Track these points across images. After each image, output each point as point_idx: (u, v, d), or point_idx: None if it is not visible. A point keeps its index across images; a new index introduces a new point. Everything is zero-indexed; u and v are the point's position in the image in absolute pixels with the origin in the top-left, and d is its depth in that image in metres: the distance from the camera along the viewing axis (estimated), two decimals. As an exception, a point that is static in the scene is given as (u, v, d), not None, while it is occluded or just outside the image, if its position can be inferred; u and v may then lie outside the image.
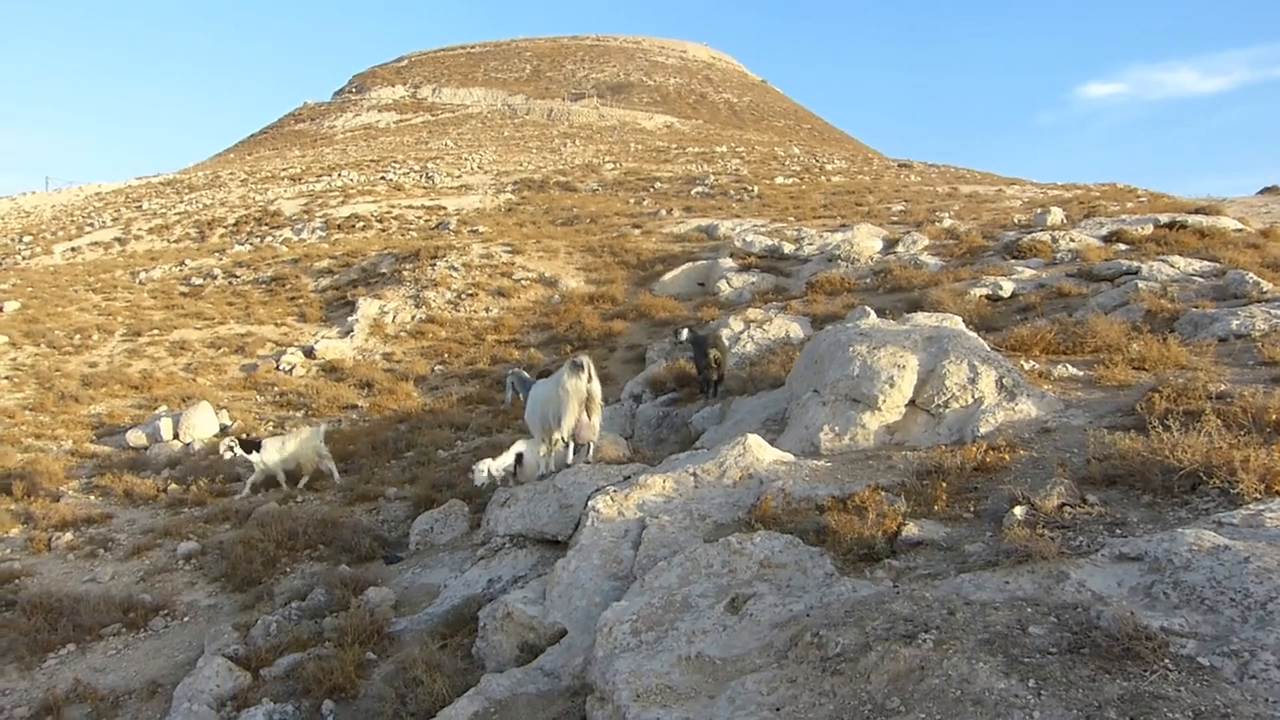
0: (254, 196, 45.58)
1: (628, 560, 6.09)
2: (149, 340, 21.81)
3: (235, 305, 24.75)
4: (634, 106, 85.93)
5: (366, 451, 14.15)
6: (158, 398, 17.78)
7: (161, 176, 64.98)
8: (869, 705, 3.61)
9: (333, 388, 18.00)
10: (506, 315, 21.97)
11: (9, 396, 17.90)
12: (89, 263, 34.46)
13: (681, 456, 7.85)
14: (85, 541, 11.33)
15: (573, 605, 5.85)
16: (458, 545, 9.65)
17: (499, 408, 15.84)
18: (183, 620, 9.01)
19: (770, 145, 61.06)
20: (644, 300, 20.74)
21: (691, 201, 34.49)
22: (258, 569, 9.73)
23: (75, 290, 27.10)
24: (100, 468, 14.07)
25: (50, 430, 16.08)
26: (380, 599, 7.99)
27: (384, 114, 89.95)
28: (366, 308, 22.75)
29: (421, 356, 19.96)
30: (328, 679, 6.48)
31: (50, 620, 8.83)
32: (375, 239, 32.01)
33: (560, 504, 7.73)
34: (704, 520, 6.34)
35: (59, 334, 22.15)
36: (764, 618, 4.62)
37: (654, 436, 12.13)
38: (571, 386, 8.22)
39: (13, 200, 62.27)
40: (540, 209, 35.30)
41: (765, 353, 13.82)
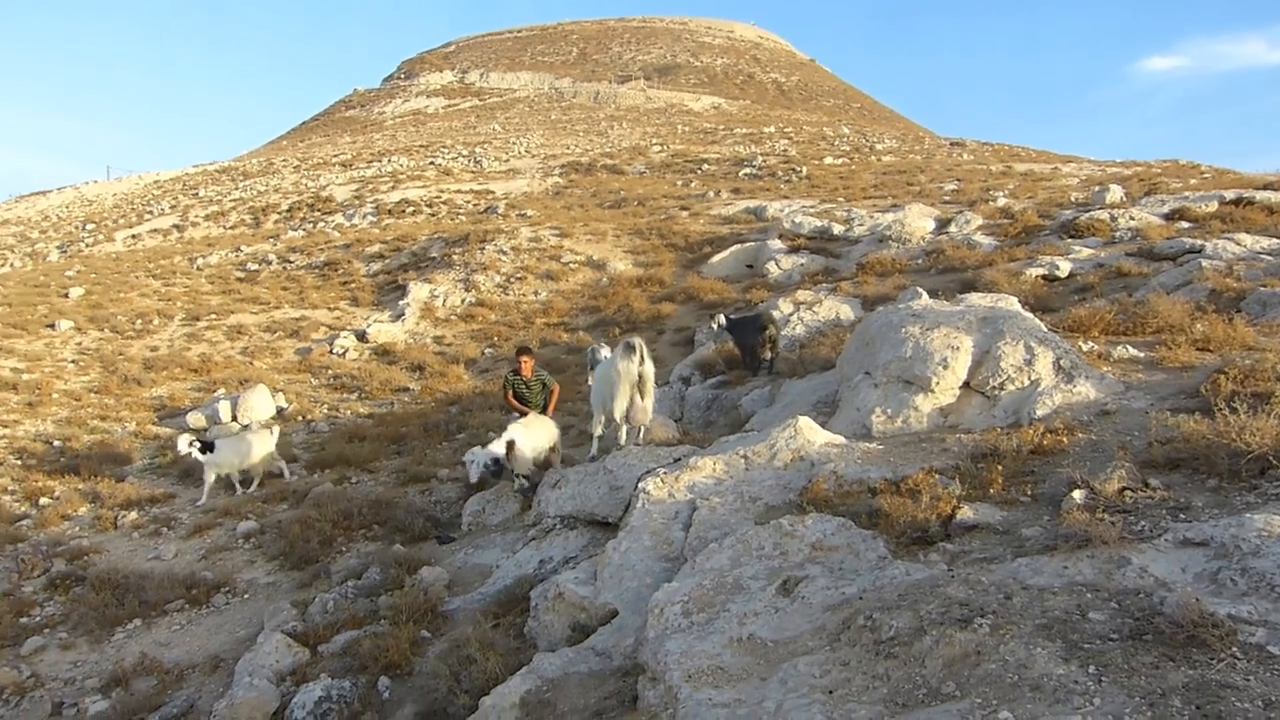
0: (307, 183, 46.11)
1: (678, 542, 6.07)
2: (207, 325, 22.19)
3: (289, 290, 25.07)
4: (681, 88, 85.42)
5: (418, 433, 14.28)
6: (216, 381, 18.10)
7: (217, 164, 65.98)
8: (923, 689, 3.56)
9: (385, 370, 18.18)
10: (555, 298, 22.02)
11: (76, 380, 18.33)
12: (149, 249, 35.13)
13: (731, 439, 7.81)
14: (149, 520, 11.60)
15: (623, 586, 5.85)
16: (509, 526, 9.70)
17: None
18: (243, 597, 9.19)
19: (819, 125, 60.40)
20: (692, 282, 20.65)
21: (739, 183, 34.26)
22: (314, 548, 9.89)
23: (136, 276, 27.64)
24: (163, 449, 14.36)
25: (115, 412, 16.45)
26: (434, 578, 8.06)
27: (432, 99, 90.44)
28: (417, 291, 22.92)
29: (471, 339, 20.09)
30: (383, 656, 6.56)
31: (117, 596, 9.08)
32: (425, 223, 32.23)
33: (610, 486, 7.73)
34: (755, 502, 6.30)
35: (122, 319, 22.61)
36: (816, 600, 4.57)
37: (703, 419, 12.08)
38: (623, 368, 8.20)
39: (77, 189, 63.72)
40: (588, 192, 35.29)
41: (815, 335, 13.70)
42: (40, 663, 8.19)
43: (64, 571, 9.99)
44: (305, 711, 6.15)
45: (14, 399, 17.02)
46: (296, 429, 15.45)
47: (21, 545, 10.84)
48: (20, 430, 15.52)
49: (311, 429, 15.43)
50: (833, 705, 3.58)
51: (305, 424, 15.72)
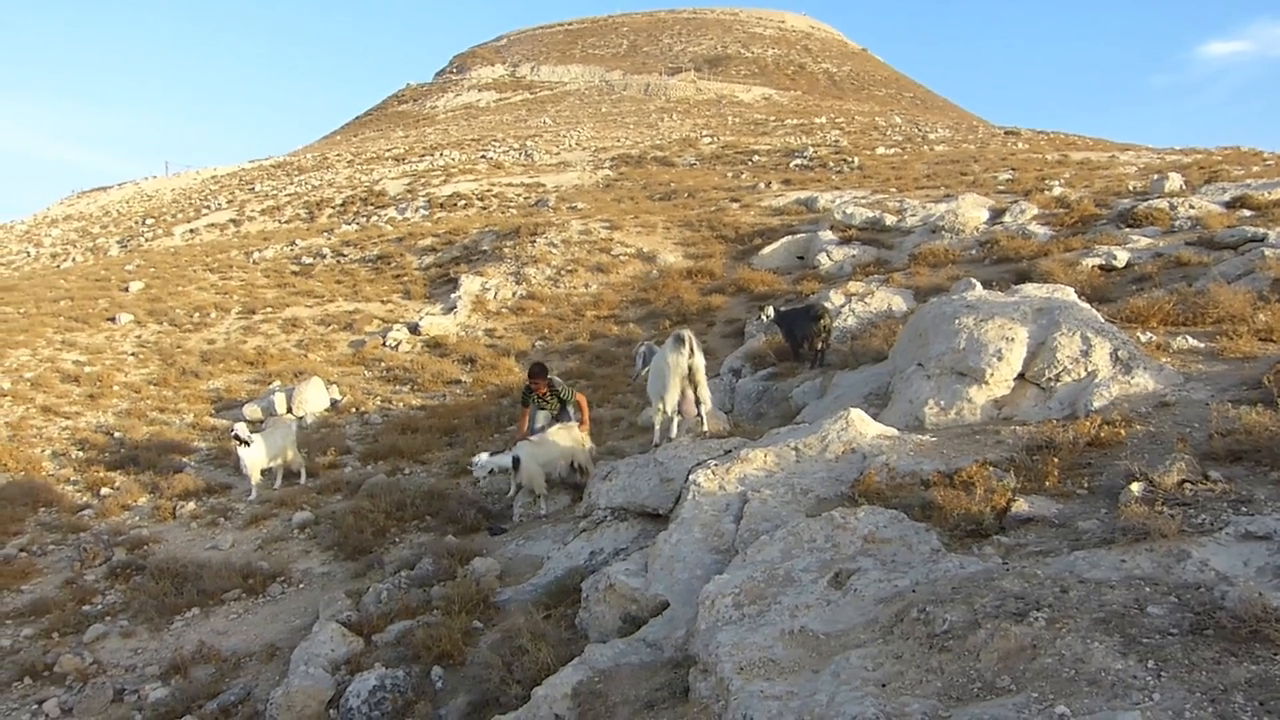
0: (360, 177, 46.71)
1: (729, 534, 6.08)
2: (263, 318, 22.61)
3: (343, 283, 25.44)
4: (731, 79, 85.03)
5: (470, 425, 14.43)
6: (271, 373, 18.44)
7: (272, 159, 67.11)
8: (978, 683, 3.54)
9: (437, 363, 18.38)
10: (605, 291, 22.09)
11: (135, 372, 18.79)
12: (206, 243, 35.84)
13: (782, 431, 7.78)
14: (206, 511, 11.87)
15: (674, 578, 5.88)
16: (560, 518, 9.79)
17: (600, 382, 15.98)
18: (298, 587, 9.38)
19: (871, 115, 59.81)
20: (742, 274, 20.60)
21: (790, 174, 34.07)
22: (368, 538, 10.05)
23: (194, 270, 28.22)
24: (220, 440, 14.67)
25: (173, 404, 16.85)
26: (486, 569, 8.15)
27: (484, 93, 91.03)
28: (469, 285, 23.13)
29: (522, 332, 20.22)
30: (436, 646, 6.65)
31: (176, 585, 9.31)
32: (476, 217, 32.49)
33: (661, 478, 7.75)
34: (806, 495, 6.28)
35: (180, 312, 23.12)
36: (868, 593, 4.56)
37: (753, 410, 12.06)
38: (673, 361, 8.22)
39: (136, 185, 65.24)
40: (638, 184, 35.31)
41: (867, 326, 13.60)
42: (102, 649, 8.43)
43: (124, 560, 10.28)
44: (360, 700, 6.26)
45: (76, 391, 17.51)
46: (350, 421, 15.70)
47: (84, 535, 11.18)
48: (82, 422, 15.96)
49: (365, 421, 15.66)
50: (886, 698, 3.57)
51: (359, 416, 15.96)
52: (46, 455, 14.33)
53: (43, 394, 17.24)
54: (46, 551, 10.95)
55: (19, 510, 12.00)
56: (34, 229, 52.59)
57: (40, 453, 14.36)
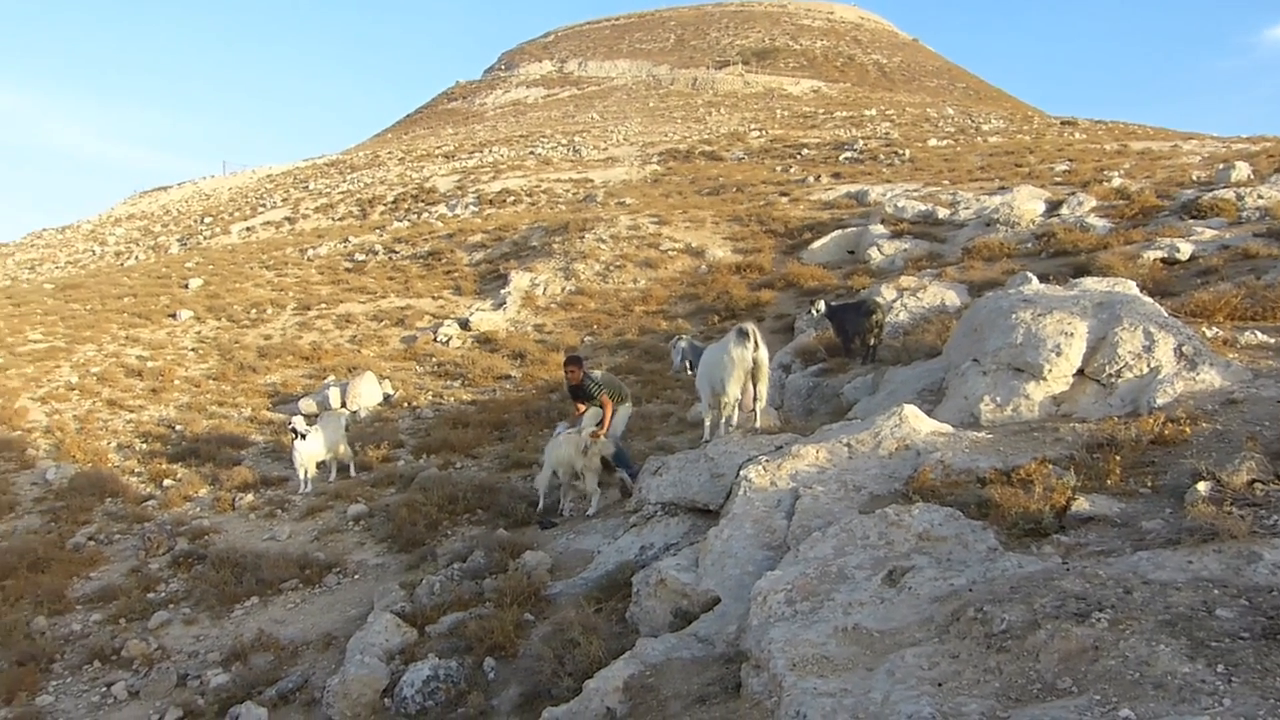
0: (411, 174, 47.14)
1: (781, 530, 6.02)
2: (317, 314, 22.90)
3: (395, 280, 25.68)
4: (779, 72, 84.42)
5: (520, 420, 14.48)
6: (326, 368, 18.68)
7: (326, 158, 67.95)
8: (1038, 684, 3.46)
9: (487, 358, 18.49)
10: (654, 286, 22.03)
11: (195, 367, 19.15)
12: (262, 241, 36.42)
13: (834, 427, 7.71)
14: (264, 502, 12.06)
15: (725, 573, 5.84)
16: (610, 512, 9.79)
17: (648, 378, 15.95)
18: (353, 578, 9.49)
19: (922, 107, 59.04)
20: (792, 269, 20.44)
21: (840, 167, 33.74)
22: (421, 531, 10.14)
23: (251, 267, 28.68)
24: (277, 433, 14.89)
25: (231, 398, 17.14)
26: (537, 563, 8.17)
27: (532, 89, 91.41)
28: (518, 280, 23.22)
29: (571, 327, 20.25)
30: (488, 638, 6.69)
31: (236, 574, 9.48)
32: (525, 213, 32.63)
33: (711, 473, 7.71)
34: (858, 491, 6.20)
35: (237, 308, 23.51)
36: (923, 591, 4.49)
37: (804, 407, 11.96)
38: (737, 355, 8.16)
39: (195, 184, 66.49)
40: (686, 179, 35.20)
41: (919, 321, 13.40)
42: (166, 636, 8.63)
43: (186, 550, 10.50)
44: (414, 690, 6.32)
45: (139, 385, 17.89)
46: (402, 415, 15.84)
47: (148, 524, 11.41)
48: (145, 415, 16.31)
49: (417, 415, 15.80)
50: (942, 698, 3.51)
51: (411, 410, 16.10)
52: (112, 447, 14.67)
53: (108, 388, 17.64)
54: (113, 540, 11.22)
55: (87, 500, 12.33)
56: (99, 228, 53.87)
57: (106, 445, 14.70)
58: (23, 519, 11.97)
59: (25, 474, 13.55)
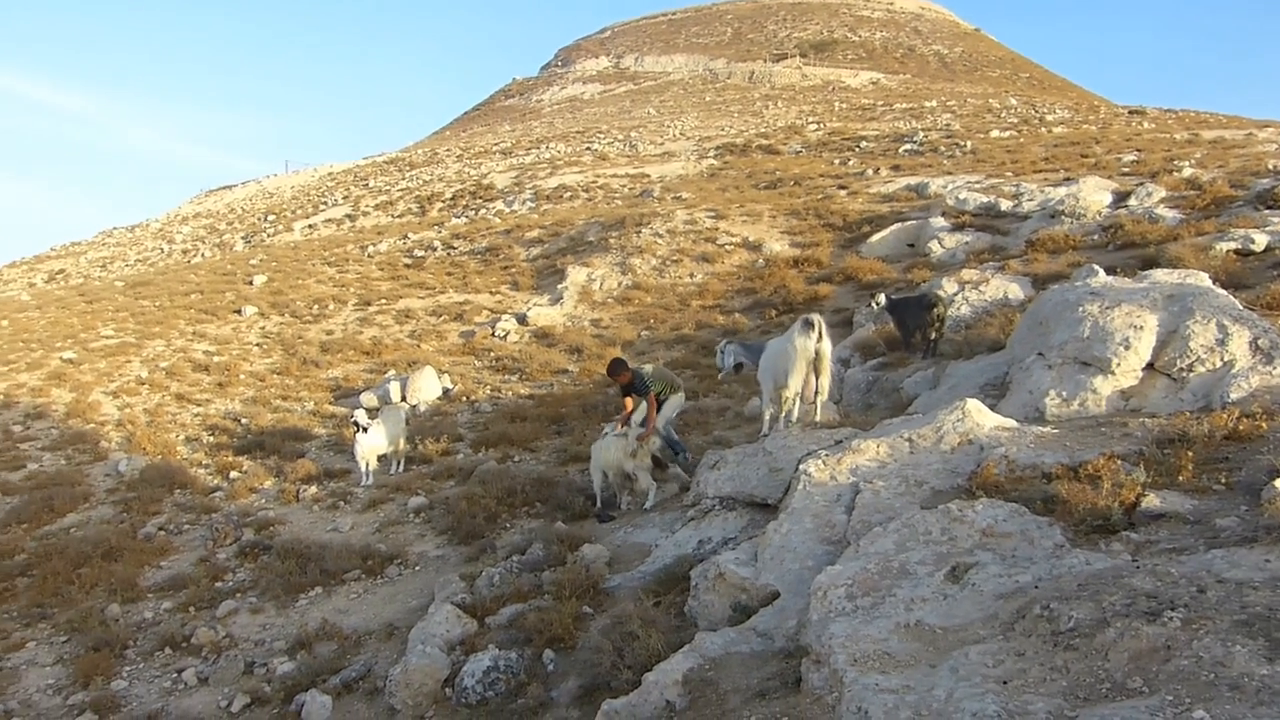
0: (469, 171, 47.55)
1: (840, 525, 5.98)
2: (378, 309, 23.21)
3: (454, 275, 25.92)
4: (838, 64, 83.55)
5: (578, 414, 14.53)
6: (386, 363, 18.94)
7: (385, 155, 68.84)
8: (1106, 683, 3.39)
9: (544, 353, 18.59)
10: (711, 280, 21.96)
11: (260, 362, 19.54)
12: (324, 238, 36.99)
13: (895, 421, 7.62)
14: (328, 495, 12.26)
15: (785, 568, 5.81)
16: (667, 506, 9.79)
17: (705, 372, 15.92)
18: (414, 569, 9.61)
19: (984, 97, 58.04)
20: (850, 263, 20.23)
21: (899, 160, 33.30)
22: (480, 524, 10.23)
23: (313, 264, 29.16)
24: (339, 427, 15.13)
25: (295, 392, 17.47)
26: (595, 556, 8.21)
27: (588, 85, 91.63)
28: (575, 275, 23.31)
29: (628, 322, 20.29)
30: (548, 630, 6.74)
31: (300, 565, 9.67)
32: (582, 208, 32.72)
33: (770, 467, 7.68)
34: (920, 486, 6.13)
35: (300, 304, 23.93)
36: (987, 588, 4.42)
37: (863, 401, 11.85)
38: (800, 345, 8.11)
39: (258, 183, 67.81)
40: (743, 173, 35.03)
41: (981, 315, 13.22)
42: (233, 624, 8.83)
43: (253, 541, 10.73)
44: (474, 680, 6.39)
45: (206, 380, 18.31)
46: (461, 409, 15.99)
47: (215, 515, 11.71)
48: (212, 409, 16.69)
49: (475, 409, 15.94)
50: (1008, 696, 3.46)
51: (469, 404, 16.25)
52: (180, 440, 15.05)
53: (176, 382, 18.09)
54: (182, 530, 11.51)
55: (157, 491, 12.68)
56: (166, 227, 55.22)
57: (175, 438, 15.09)
58: (96, 509, 12.34)
59: (99, 466, 13.97)
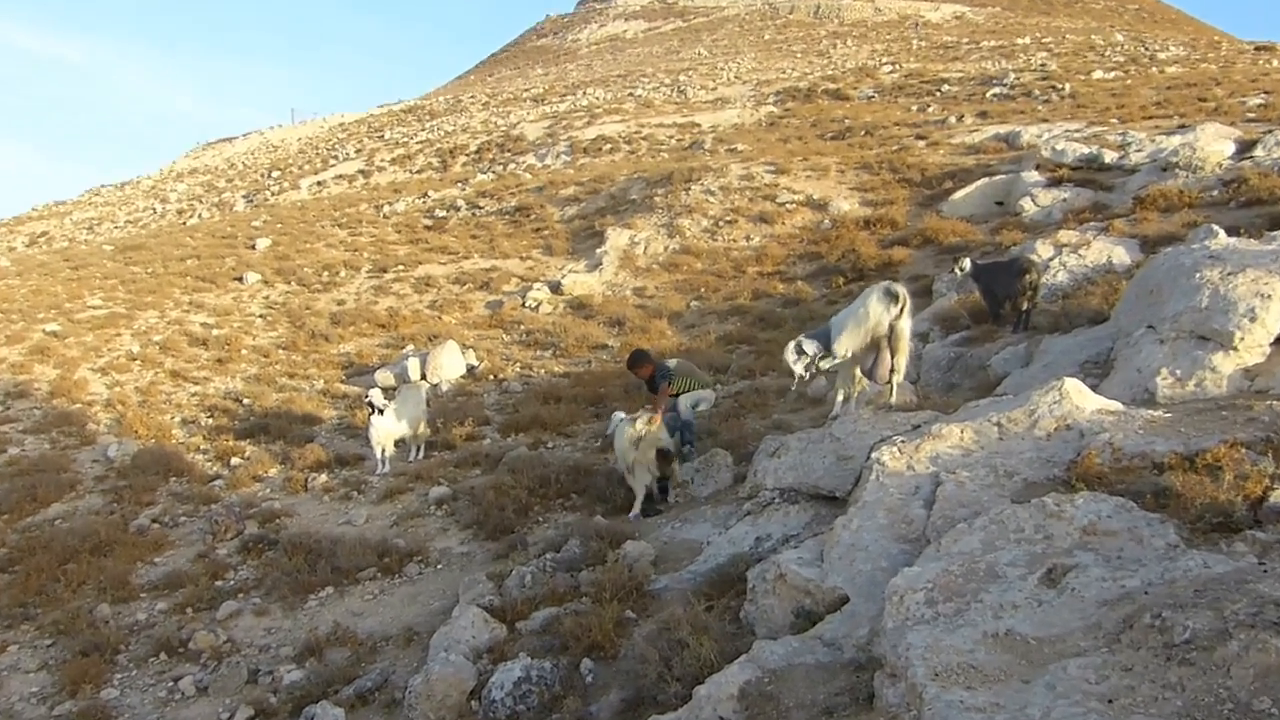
0: (496, 120, 47.71)
1: (919, 520, 5.95)
2: (394, 277, 23.44)
3: (479, 238, 26.07)
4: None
5: (619, 395, 14.55)
6: (404, 336, 19.12)
7: (403, 104, 69.27)
8: (1229, 704, 3.34)
9: (581, 326, 18.65)
10: (769, 244, 21.88)
11: (264, 335, 19.83)
12: (334, 197, 37.36)
13: (982, 403, 7.55)
14: (339, 483, 12.42)
15: (855, 569, 5.79)
16: (720, 499, 9.79)
17: (762, 347, 15.87)
18: (435, 567, 9.71)
19: (1085, 33, 57.01)
20: (930, 223, 20.04)
21: (986, 105, 32.87)
22: (509, 517, 10.30)
23: (322, 226, 29.49)
24: (352, 408, 15.32)
25: (303, 370, 17.70)
26: (639, 554, 8.23)
27: (631, 23, 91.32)
28: (615, 238, 23.33)
29: (675, 291, 20.28)
30: (586, 636, 6.77)
31: (310, 561, 9.80)
32: (623, 162, 32.73)
33: (838, 455, 7.65)
34: (1010, 477, 6.07)
35: (308, 271, 24.23)
36: (1089, 593, 4.38)
37: (944, 381, 11.77)
38: (874, 312, 8.03)
39: (261, 135, 68.60)
40: (807, 121, 34.79)
41: (1081, 283, 13.07)
42: (236, 628, 8.96)
43: (256, 535, 10.89)
44: (504, 692, 6.42)
45: (204, 355, 18.62)
46: (488, 389, 16.12)
47: (215, 506, 11.90)
48: (211, 388, 16.97)
49: (504, 389, 16.06)
50: (1113, 716, 3.43)
51: (497, 383, 16.37)
52: (176, 422, 15.33)
53: (171, 358, 18.41)
54: (178, 523, 11.73)
55: (151, 479, 12.90)
56: (160, 184, 56.10)
57: (170, 420, 15.37)
58: (84, 499, 12.60)
59: (86, 450, 14.25)
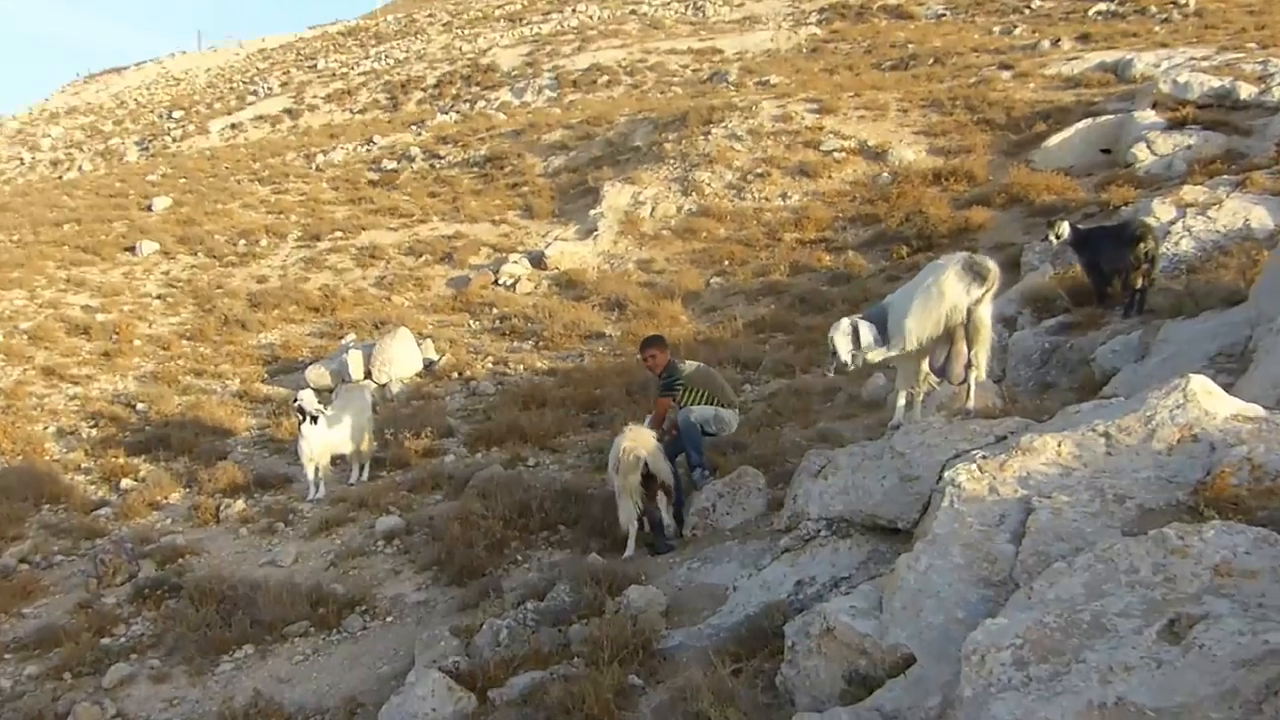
0: (461, 45, 47.76)
1: (1004, 558, 5.98)
2: (331, 246, 23.48)
3: (439, 197, 26.09)
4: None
5: (619, 398, 14.52)
6: (344, 323, 19.15)
7: (341, 24, 69.26)
8: (1401, 792, 3.38)
9: (570, 309, 18.65)
10: (812, 204, 21.87)
11: (163, 321, 19.86)
12: (253, 144, 37.43)
13: (1084, 408, 7.58)
14: (261, 512, 12.41)
15: (923, 621, 5.83)
16: (751, 531, 9.80)
17: (803, 336, 15.88)
18: (384, 620, 9.68)
19: (1219, -69, 56.89)
20: (1017, 177, 20.04)
21: (1089, 26, 32.86)
22: (480, 555, 10.24)
23: (238, 181, 29.55)
24: (276, 415, 15.32)
25: (213, 365, 17.73)
26: (645, 602, 8.24)
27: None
28: (614, 197, 23.32)
29: (691, 264, 20.26)
30: (578, 708, 6.75)
31: (223, 613, 9.71)
32: (624, 99, 32.73)
33: (901, 475, 7.67)
34: (1121, 503, 6.11)
35: (220, 239, 24.29)
36: (1222, 651, 4.41)
37: (1036, 378, 11.82)
38: (949, 293, 8.02)
39: (160, 64, 68.69)
40: (859, 47, 34.82)
41: (1210, 253, 13.10)
42: (128, 698, 8.83)
43: (154, 578, 10.80)
44: (474, 782, 6.47)
45: (86, 347, 18.65)
46: (452, 390, 16.13)
47: (100, 542, 11.81)
48: (95, 389, 16.99)
49: (472, 390, 16.06)
50: (1253, 808, 3.47)
51: (463, 383, 16.38)
52: (50, 433, 15.34)
53: (44, 351, 18.42)
54: (53, 563, 11.70)
55: (17, 508, 12.80)
56: (29, 127, 56.16)
57: (43, 430, 15.38)
58: (-70, 533, 12.54)
59: (-68, 471, 14.22)
